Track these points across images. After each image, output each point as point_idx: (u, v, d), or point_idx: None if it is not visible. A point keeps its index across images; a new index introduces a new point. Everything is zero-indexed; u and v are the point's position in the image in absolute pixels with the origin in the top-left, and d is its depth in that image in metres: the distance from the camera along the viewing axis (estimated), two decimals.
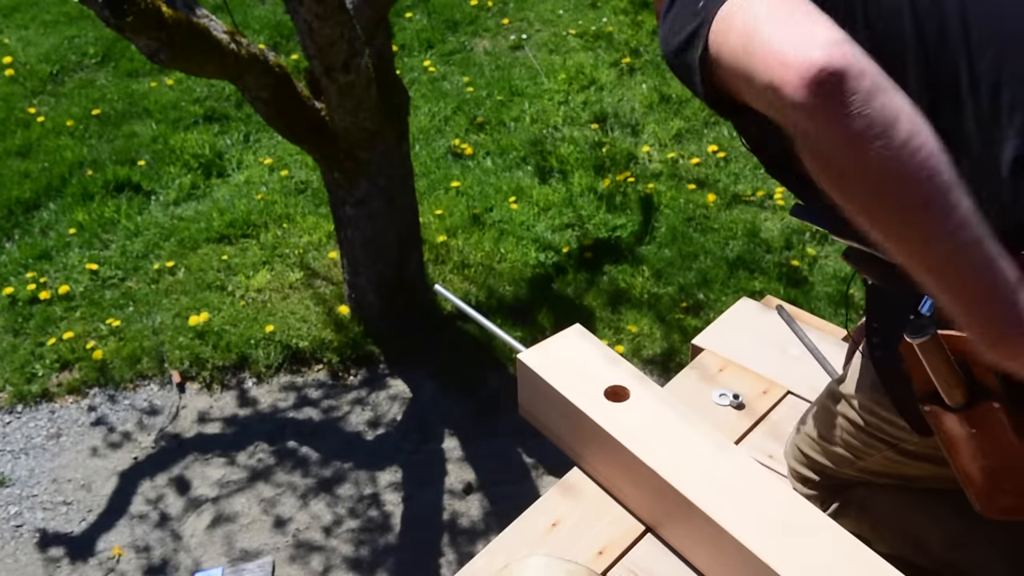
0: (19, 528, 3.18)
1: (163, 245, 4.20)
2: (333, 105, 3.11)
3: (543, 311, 3.77)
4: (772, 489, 1.31)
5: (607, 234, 4.13)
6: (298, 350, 3.70)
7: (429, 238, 4.07)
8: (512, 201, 4.29)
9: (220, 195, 4.46)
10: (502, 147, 4.66)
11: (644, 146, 4.63)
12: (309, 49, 2.92)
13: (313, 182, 4.49)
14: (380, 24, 3.23)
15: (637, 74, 5.11)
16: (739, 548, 1.24)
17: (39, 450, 3.42)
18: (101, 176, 4.57)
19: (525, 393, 1.57)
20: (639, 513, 1.43)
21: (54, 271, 4.10)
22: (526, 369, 1.52)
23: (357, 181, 3.37)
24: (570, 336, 1.57)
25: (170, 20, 2.64)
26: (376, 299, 3.69)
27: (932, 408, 1.07)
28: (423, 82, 5.16)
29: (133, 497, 3.27)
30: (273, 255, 4.11)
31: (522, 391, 1.57)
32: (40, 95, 5.20)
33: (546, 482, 3.22)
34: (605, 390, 1.46)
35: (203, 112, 4.98)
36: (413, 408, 3.54)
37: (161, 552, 3.09)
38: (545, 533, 1.44)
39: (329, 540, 3.13)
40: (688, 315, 3.70)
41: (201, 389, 3.63)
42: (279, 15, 5.56)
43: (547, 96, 4.99)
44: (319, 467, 3.35)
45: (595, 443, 1.43)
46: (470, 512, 3.20)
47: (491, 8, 5.75)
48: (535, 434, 1.61)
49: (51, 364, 3.69)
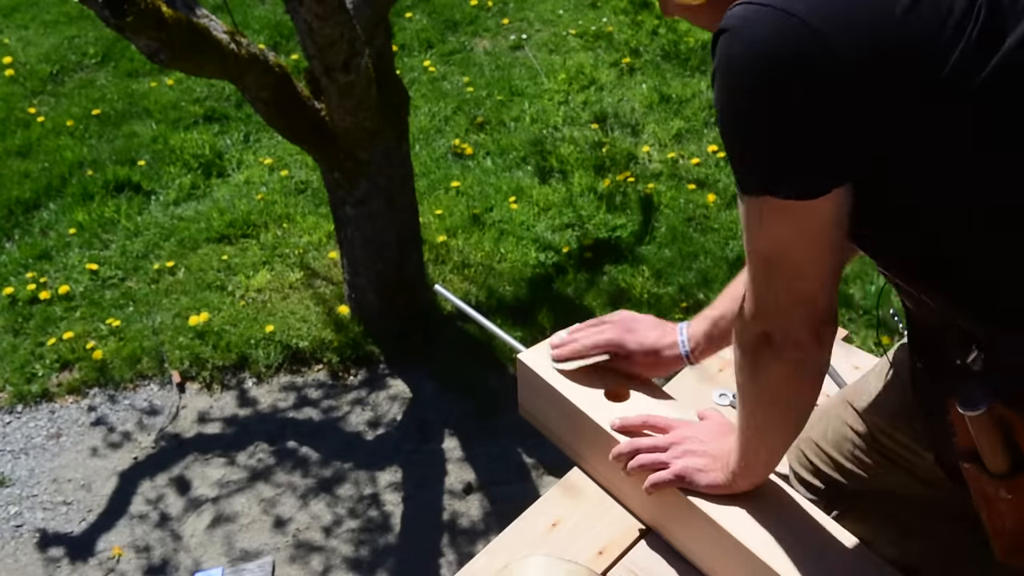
0: (19, 528, 3.17)
1: (163, 245, 4.19)
2: (333, 105, 3.11)
3: (543, 311, 3.77)
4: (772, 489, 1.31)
5: (607, 234, 4.13)
6: (298, 350, 3.70)
7: (429, 238, 4.06)
8: (512, 201, 4.29)
9: (220, 195, 4.46)
10: (502, 147, 4.66)
11: (644, 146, 4.63)
12: (309, 49, 2.92)
13: (313, 182, 4.49)
14: (380, 24, 3.23)
15: (637, 74, 5.11)
16: (739, 548, 1.24)
17: (39, 450, 3.42)
18: (101, 176, 4.57)
19: (525, 393, 1.57)
20: (639, 513, 1.43)
21: (54, 271, 4.10)
22: (526, 369, 1.52)
23: (357, 181, 3.37)
24: None
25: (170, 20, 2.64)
26: (376, 299, 3.69)
27: (971, 466, 1.07)
28: (423, 82, 5.16)
29: (133, 497, 3.27)
30: (273, 255, 4.11)
31: (522, 391, 1.57)
32: (40, 95, 5.20)
33: (546, 482, 3.22)
34: (605, 390, 1.46)
35: (203, 112, 4.98)
36: (413, 408, 3.54)
37: (161, 552, 3.09)
38: (545, 533, 1.44)
39: (329, 540, 3.12)
40: (688, 315, 3.68)
41: (201, 389, 3.63)
42: (279, 15, 5.56)
43: (547, 96, 4.99)
44: (319, 467, 3.35)
45: (595, 443, 1.43)
46: (470, 512, 3.20)
47: (491, 8, 5.75)
48: (535, 434, 1.61)
49: (51, 364, 3.69)
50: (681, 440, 1.33)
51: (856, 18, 0.92)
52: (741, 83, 0.96)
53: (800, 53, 0.92)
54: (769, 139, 0.97)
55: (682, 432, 1.34)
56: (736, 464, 1.25)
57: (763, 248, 1.06)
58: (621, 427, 1.37)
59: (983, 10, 0.91)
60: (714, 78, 0.99)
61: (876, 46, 0.91)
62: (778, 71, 0.93)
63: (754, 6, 0.95)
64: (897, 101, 0.92)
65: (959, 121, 0.93)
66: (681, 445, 1.32)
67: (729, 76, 0.97)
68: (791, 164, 0.97)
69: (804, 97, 0.93)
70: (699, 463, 1.29)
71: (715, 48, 0.98)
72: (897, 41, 0.91)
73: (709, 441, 1.31)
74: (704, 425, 1.35)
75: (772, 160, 0.98)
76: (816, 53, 0.92)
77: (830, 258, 1.05)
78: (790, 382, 1.13)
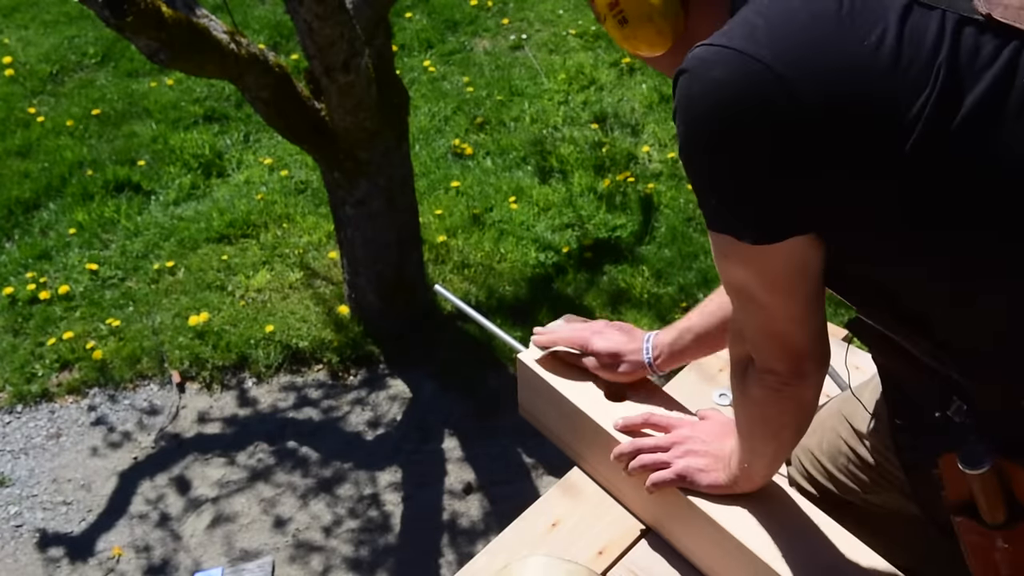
0: (19, 528, 3.17)
1: (163, 245, 4.19)
2: (333, 105, 3.11)
3: (543, 311, 3.77)
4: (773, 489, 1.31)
5: (607, 234, 4.13)
6: (298, 350, 3.70)
7: (429, 238, 4.06)
8: (512, 201, 4.29)
9: (220, 195, 4.46)
10: (502, 147, 4.66)
11: (644, 146, 4.63)
12: (309, 49, 2.92)
13: (313, 182, 4.49)
14: (380, 24, 3.23)
15: (637, 74, 5.11)
16: (739, 548, 1.24)
17: (39, 450, 3.42)
18: (101, 176, 4.57)
19: (525, 393, 1.56)
20: (639, 513, 1.43)
21: (54, 271, 4.10)
22: (526, 369, 1.51)
23: (357, 181, 3.37)
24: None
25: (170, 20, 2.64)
26: (376, 299, 3.69)
27: (964, 519, 1.06)
28: (423, 82, 5.16)
29: (133, 497, 3.27)
30: (273, 255, 4.11)
31: (522, 391, 1.57)
32: (40, 95, 5.20)
33: (546, 482, 3.22)
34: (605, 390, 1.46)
35: (203, 112, 4.98)
36: (413, 408, 3.54)
37: (161, 552, 3.09)
38: (545, 533, 1.43)
39: (329, 540, 3.12)
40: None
41: (201, 389, 3.63)
42: (279, 15, 5.56)
43: (547, 96, 4.99)
44: (319, 467, 3.35)
45: (595, 443, 1.43)
46: (470, 512, 3.20)
47: (491, 8, 5.75)
48: (535, 434, 1.61)
49: (51, 364, 3.69)
50: (683, 440, 1.33)
51: (823, 65, 0.89)
52: (699, 127, 0.95)
53: (763, 98, 0.90)
54: (729, 183, 0.96)
55: (684, 432, 1.34)
56: (737, 467, 1.25)
57: (731, 281, 1.05)
58: (624, 427, 1.37)
59: (942, 70, 0.88)
60: (675, 118, 0.98)
61: (841, 99, 0.88)
62: (740, 116, 0.91)
63: (715, 47, 0.93)
64: (854, 158, 0.90)
65: (909, 189, 0.90)
66: (683, 445, 1.32)
67: (689, 118, 0.95)
68: (749, 209, 0.96)
69: (765, 144, 0.91)
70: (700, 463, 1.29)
71: (675, 89, 0.96)
72: (860, 97, 0.88)
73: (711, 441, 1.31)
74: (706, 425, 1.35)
75: (732, 204, 0.97)
76: (780, 99, 0.89)
77: (801, 305, 1.03)
78: (773, 405, 1.12)
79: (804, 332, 1.05)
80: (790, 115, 0.89)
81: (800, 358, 1.07)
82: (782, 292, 1.02)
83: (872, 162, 0.89)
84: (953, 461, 1.00)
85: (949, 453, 1.02)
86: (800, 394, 1.10)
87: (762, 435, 1.19)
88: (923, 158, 0.88)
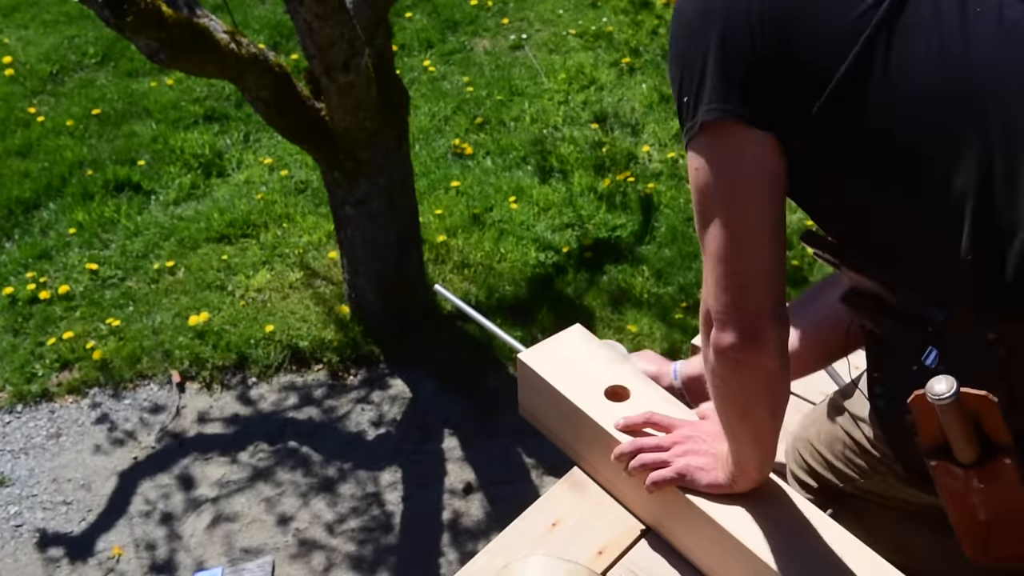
0: (19, 528, 3.18)
1: (163, 245, 4.19)
2: (333, 105, 3.11)
3: (543, 311, 3.77)
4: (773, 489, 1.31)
5: (607, 234, 4.13)
6: (298, 350, 3.70)
7: (429, 238, 4.06)
8: (512, 201, 4.29)
9: (220, 195, 4.46)
10: (502, 147, 4.66)
11: (644, 146, 4.63)
12: (309, 49, 2.92)
13: (313, 182, 4.49)
14: (380, 24, 3.23)
15: (637, 74, 5.11)
16: (739, 548, 1.24)
17: (39, 450, 3.42)
18: (101, 176, 4.57)
19: (525, 393, 1.56)
20: (639, 513, 1.43)
21: (54, 271, 4.10)
22: (526, 369, 1.51)
23: (357, 181, 3.37)
24: (570, 336, 1.57)
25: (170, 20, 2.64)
26: (376, 299, 3.69)
27: (939, 463, 1.07)
28: (423, 82, 5.16)
29: (133, 497, 3.27)
30: (273, 255, 4.11)
31: (522, 391, 1.57)
32: (40, 95, 5.20)
33: (546, 482, 3.22)
34: (605, 390, 1.46)
35: (203, 112, 4.98)
36: (413, 408, 3.54)
37: (161, 552, 3.09)
38: (545, 533, 1.43)
39: (329, 540, 3.13)
40: (688, 315, 3.69)
41: (201, 389, 3.63)
42: (279, 15, 5.56)
43: (547, 96, 4.99)
44: (319, 467, 3.35)
45: (595, 443, 1.43)
46: (470, 512, 3.20)
47: (491, 8, 5.75)
48: (535, 434, 1.61)
49: (51, 364, 3.69)
50: (683, 439, 1.33)
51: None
52: (682, 19, 1.09)
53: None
54: (709, 68, 1.05)
55: (685, 431, 1.34)
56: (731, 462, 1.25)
57: (701, 203, 1.09)
58: (625, 427, 1.38)
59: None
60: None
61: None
62: (722, 8, 1.05)
63: None
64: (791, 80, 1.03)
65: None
66: (683, 444, 1.32)
67: (676, 12, 1.09)
68: (731, 90, 1.04)
69: (743, 28, 1.03)
70: (700, 462, 1.29)
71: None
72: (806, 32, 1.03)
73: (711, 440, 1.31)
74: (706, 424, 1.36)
75: (708, 84, 1.05)
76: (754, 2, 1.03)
77: (764, 236, 1.07)
78: (734, 380, 1.13)
79: (762, 279, 1.07)
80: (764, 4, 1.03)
81: (757, 316, 1.08)
82: (752, 202, 1.06)
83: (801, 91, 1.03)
84: (923, 398, 1.02)
85: (919, 392, 1.03)
86: (759, 364, 1.10)
87: (734, 416, 1.20)
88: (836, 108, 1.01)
